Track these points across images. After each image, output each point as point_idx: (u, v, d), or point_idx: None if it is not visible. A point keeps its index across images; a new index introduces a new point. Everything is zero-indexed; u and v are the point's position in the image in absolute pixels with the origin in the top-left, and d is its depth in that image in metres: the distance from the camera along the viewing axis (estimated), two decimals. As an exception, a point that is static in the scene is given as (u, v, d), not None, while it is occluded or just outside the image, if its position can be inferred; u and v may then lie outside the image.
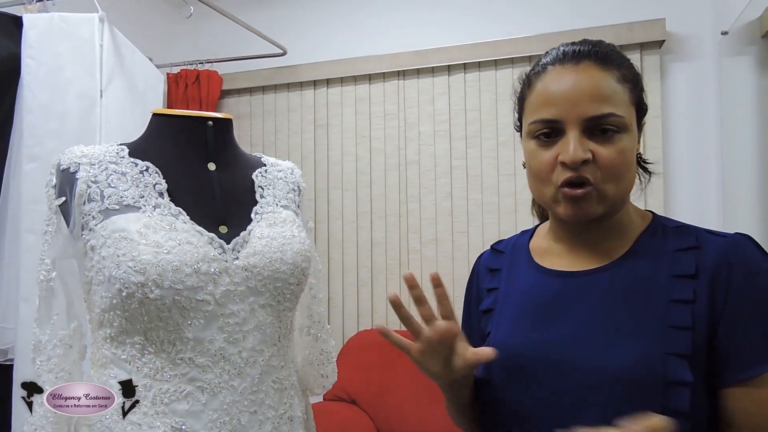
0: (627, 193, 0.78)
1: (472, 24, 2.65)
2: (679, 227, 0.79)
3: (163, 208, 0.88)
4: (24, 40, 1.71)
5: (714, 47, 2.31)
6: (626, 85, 0.76)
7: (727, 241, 0.74)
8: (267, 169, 1.05)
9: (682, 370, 0.69)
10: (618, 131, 0.74)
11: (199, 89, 2.83)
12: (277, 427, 0.91)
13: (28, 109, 1.70)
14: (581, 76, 0.75)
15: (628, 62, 0.80)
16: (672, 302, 0.72)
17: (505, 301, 0.87)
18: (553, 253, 0.85)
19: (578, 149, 0.73)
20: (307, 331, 1.12)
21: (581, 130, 0.74)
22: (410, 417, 2.23)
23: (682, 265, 0.74)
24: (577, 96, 0.74)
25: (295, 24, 2.92)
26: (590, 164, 0.74)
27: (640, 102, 0.79)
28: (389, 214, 2.71)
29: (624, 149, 0.74)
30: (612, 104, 0.74)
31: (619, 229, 0.81)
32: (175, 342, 0.84)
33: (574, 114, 0.74)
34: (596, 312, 0.76)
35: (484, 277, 0.94)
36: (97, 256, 0.84)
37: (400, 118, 2.71)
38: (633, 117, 0.77)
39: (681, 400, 0.68)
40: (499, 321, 0.86)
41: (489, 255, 0.96)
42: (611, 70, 0.76)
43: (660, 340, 0.71)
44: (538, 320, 0.80)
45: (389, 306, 2.85)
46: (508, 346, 0.80)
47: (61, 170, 0.89)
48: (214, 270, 0.86)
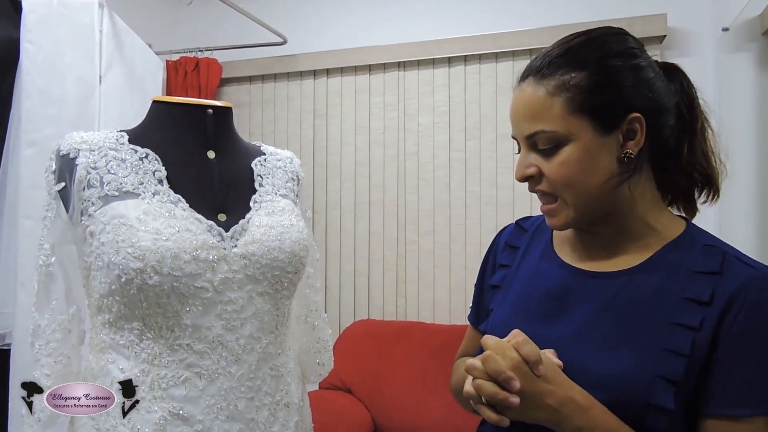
0: (594, 195, 0.74)
1: (473, 16, 2.64)
2: (707, 246, 0.74)
3: (163, 195, 0.89)
4: (23, 25, 1.70)
5: (714, 43, 2.31)
6: (566, 94, 0.72)
7: (755, 273, 0.70)
8: (266, 158, 1.05)
9: (666, 396, 0.67)
10: (556, 145, 0.73)
11: (198, 77, 2.82)
12: (274, 413, 0.92)
13: (27, 94, 1.70)
14: (519, 96, 0.77)
15: (591, 62, 0.73)
16: (676, 325, 0.70)
17: (512, 281, 0.86)
18: (573, 244, 0.83)
19: (520, 166, 0.77)
20: (304, 320, 1.13)
21: (527, 147, 0.76)
22: (405, 406, 2.25)
23: (698, 290, 0.70)
24: (515, 116, 0.77)
25: (296, 13, 2.91)
26: (543, 179, 0.76)
27: (600, 104, 0.72)
28: (387, 204, 2.71)
29: (565, 161, 0.73)
30: (541, 121, 0.73)
31: (641, 235, 0.77)
32: (173, 328, 0.85)
33: (517, 134, 0.77)
34: (597, 317, 0.75)
35: (501, 251, 0.93)
36: (97, 241, 0.85)
37: (399, 110, 2.70)
38: (580, 124, 0.72)
39: (658, 425, 0.68)
40: (502, 301, 0.86)
41: (512, 230, 0.94)
42: (545, 83, 0.73)
43: (654, 360, 0.69)
44: (541, 311, 0.80)
45: (386, 296, 2.88)
46: (503, 332, 0.79)
47: (60, 156, 0.89)
48: (213, 257, 0.86)
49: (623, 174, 0.74)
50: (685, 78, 0.81)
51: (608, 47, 0.74)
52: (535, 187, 0.77)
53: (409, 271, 2.66)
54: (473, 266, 2.49)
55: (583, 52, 0.74)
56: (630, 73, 0.73)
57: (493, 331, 0.79)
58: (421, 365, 2.29)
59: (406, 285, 2.66)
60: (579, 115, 0.72)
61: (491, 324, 0.85)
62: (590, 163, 0.73)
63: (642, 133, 0.73)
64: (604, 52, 0.74)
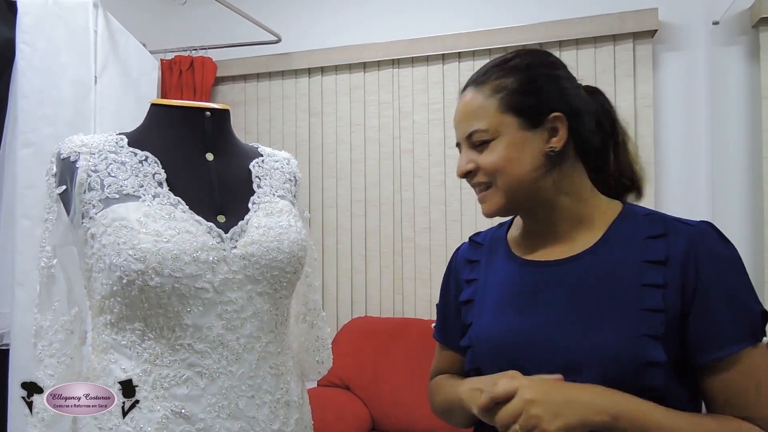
0: (522, 182, 0.83)
1: (466, 13, 2.65)
2: (648, 215, 0.84)
3: (163, 198, 0.90)
4: (18, 26, 1.70)
5: (705, 37, 2.33)
6: (497, 95, 0.83)
7: (694, 230, 0.79)
8: (264, 160, 1.06)
9: (656, 350, 0.74)
10: (489, 141, 0.83)
11: (193, 76, 2.82)
12: (274, 411, 0.94)
13: (23, 94, 1.70)
14: (460, 104, 0.89)
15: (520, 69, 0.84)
16: (644, 286, 0.77)
17: (484, 291, 0.91)
18: (529, 244, 0.90)
19: (460, 164, 0.88)
20: (302, 319, 1.14)
21: (468, 147, 0.87)
22: (403, 402, 2.26)
23: (653, 252, 0.78)
24: (456, 122, 0.89)
25: (290, 11, 2.91)
26: (479, 171, 0.85)
27: (525, 104, 0.83)
28: (383, 202, 2.72)
29: (495, 152, 0.83)
30: (476, 120, 0.84)
31: (587, 220, 0.86)
32: (174, 328, 0.86)
33: (459, 135, 0.88)
34: (572, 299, 0.80)
35: (462, 268, 0.98)
36: (98, 244, 0.86)
37: (394, 107, 2.72)
38: (508, 121, 0.83)
39: (655, 378, 0.73)
40: (480, 311, 0.90)
41: (467, 247, 1.01)
42: (482, 89, 0.85)
43: (634, 322, 0.75)
44: (517, 309, 0.85)
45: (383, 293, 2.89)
46: (490, 337, 0.85)
47: (61, 159, 0.90)
48: (213, 258, 0.87)
49: (548, 166, 0.83)
50: (606, 100, 0.92)
51: (535, 59, 0.86)
52: (472, 179, 0.87)
53: (405, 268, 2.68)
54: (469, 262, 2.50)
55: (515, 62, 0.86)
56: (551, 81, 0.85)
57: (478, 341, 0.87)
58: (418, 361, 2.31)
59: (403, 282, 2.68)
60: (508, 113, 0.83)
61: (474, 336, 0.89)
62: (517, 154, 0.83)
63: (564, 131, 0.83)
64: (531, 61, 0.86)
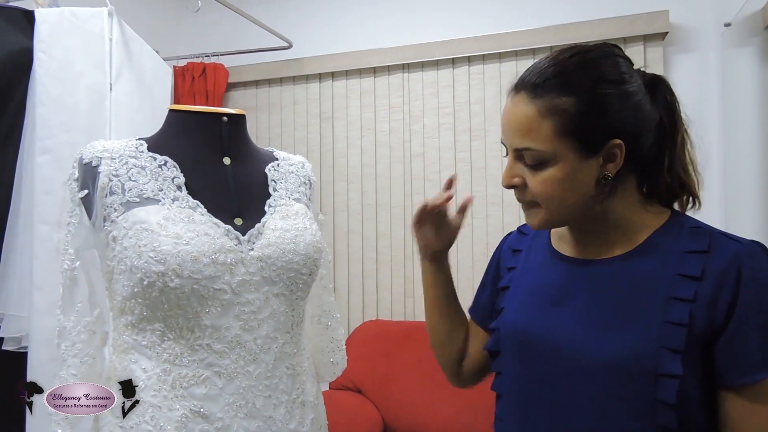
0: (570, 208, 0.79)
1: (476, 17, 2.66)
2: (694, 228, 0.80)
3: (182, 201, 0.92)
4: (36, 35, 1.74)
5: (717, 39, 2.32)
6: (554, 118, 0.75)
7: (741, 248, 0.75)
8: (279, 163, 1.08)
9: (673, 363, 0.72)
10: (542, 163, 0.77)
11: (205, 82, 2.85)
12: (290, 410, 0.95)
13: (41, 102, 1.73)
14: (512, 108, 0.80)
15: (583, 88, 0.76)
16: (672, 299, 0.74)
17: (519, 280, 0.93)
18: (569, 239, 0.89)
19: (506, 175, 0.82)
20: (317, 320, 1.16)
21: (515, 157, 0.81)
22: (415, 405, 2.27)
23: (689, 266, 0.75)
24: (506, 127, 0.81)
25: (301, 17, 2.94)
26: (527, 190, 0.80)
27: (586, 130, 0.76)
28: (394, 206, 2.73)
29: (548, 179, 0.77)
30: (530, 139, 0.77)
31: (627, 226, 0.82)
32: (193, 329, 0.88)
33: (507, 143, 0.82)
34: (596, 300, 0.80)
35: (506, 256, 1.00)
36: (119, 246, 0.88)
37: (404, 111, 2.73)
38: (565, 146, 0.76)
39: (669, 392, 0.72)
40: (512, 298, 0.91)
41: (515, 236, 1.02)
42: (538, 103, 0.77)
43: (655, 333, 0.73)
44: (546, 302, 0.85)
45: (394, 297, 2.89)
46: (515, 323, 0.87)
47: (83, 164, 0.93)
48: (231, 260, 0.89)
49: (599, 195, 0.79)
50: (669, 91, 0.84)
51: (600, 72, 0.77)
52: (519, 195, 0.83)
53: (416, 271, 2.68)
54: (480, 266, 2.51)
55: (576, 76, 0.77)
56: (617, 100, 0.77)
57: (504, 326, 0.88)
58: (429, 365, 2.30)
59: (414, 285, 2.68)
60: (565, 138, 0.76)
61: (504, 320, 0.90)
62: (571, 183, 0.78)
63: (621, 157, 0.77)
64: (595, 78, 0.77)
